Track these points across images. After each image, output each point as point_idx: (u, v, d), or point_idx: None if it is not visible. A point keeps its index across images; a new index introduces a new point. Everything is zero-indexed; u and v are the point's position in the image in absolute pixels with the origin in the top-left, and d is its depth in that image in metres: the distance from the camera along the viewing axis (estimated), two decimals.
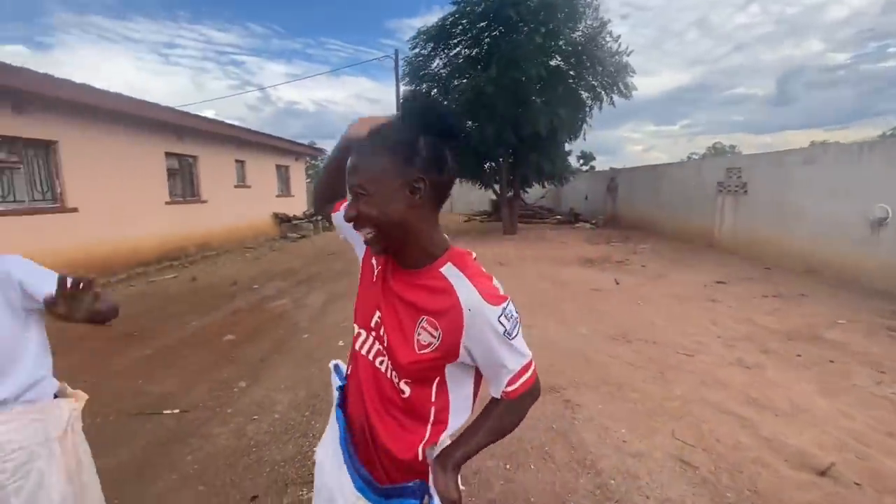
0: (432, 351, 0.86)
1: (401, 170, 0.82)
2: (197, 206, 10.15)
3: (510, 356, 0.87)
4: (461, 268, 0.87)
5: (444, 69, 12.12)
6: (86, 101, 6.69)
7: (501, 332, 0.84)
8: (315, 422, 2.91)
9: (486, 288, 0.85)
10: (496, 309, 0.83)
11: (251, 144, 12.43)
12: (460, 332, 0.84)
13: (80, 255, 6.82)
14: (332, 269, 8.41)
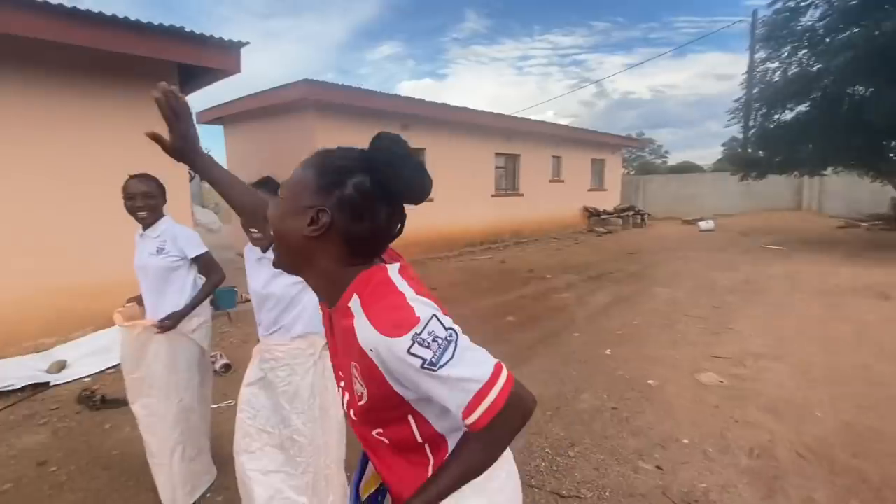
0: (366, 402, 0.75)
1: (312, 193, 0.73)
2: (515, 198, 11.56)
3: (445, 389, 0.68)
4: (361, 295, 0.72)
5: (820, 22, 8.89)
6: (443, 117, 8.73)
7: (419, 365, 0.66)
8: (552, 425, 2.83)
9: (385, 315, 0.68)
10: (401, 341, 0.66)
11: (569, 140, 13.00)
12: (379, 374, 0.70)
13: (433, 233, 9.05)
14: (625, 270, 7.86)
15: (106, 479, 2.37)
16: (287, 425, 1.63)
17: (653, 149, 37.52)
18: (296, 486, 1.63)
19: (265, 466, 1.66)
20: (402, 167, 0.73)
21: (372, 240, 0.75)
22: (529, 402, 0.74)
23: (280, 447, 1.65)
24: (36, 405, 3.22)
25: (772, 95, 9.71)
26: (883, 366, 3.59)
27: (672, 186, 18.45)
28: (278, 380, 1.63)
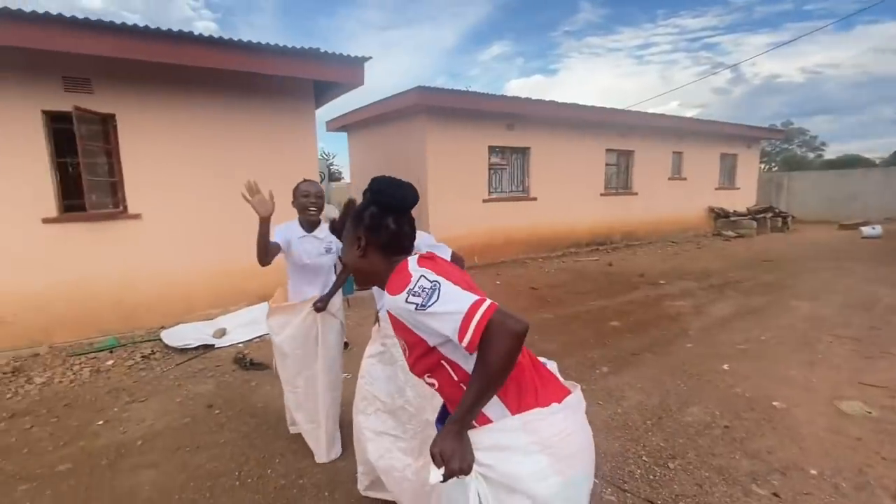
0: (409, 353, 1.10)
1: (352, 232, 1.16)
2: (627, 197, 10.87)
3: (439, 322, 0.92)
4: (390, 278, 1.05)
5: None
6: (549, 114, 8.60)
7: (414, 309, 0.94)
8: (652, 434, 2.71)
9: (394, 284, 1.00)
10: (401, 295, 0.96)
11: (692, 134, 11.81)
12: (405, 327, 1.02)
13: (534, 232, 9.00)
14: (757, 279, 6.94)
15: (253, 424, 2.91)
16: (401, 395, 1.87)
17: (804, 140, 31.98)
18: (403, 447, 1.86)
19: (377, 427, 1.92)
20: (389, 192, 1.11)
21: (395, 239, 1.11)
22: (514, 323, 0.89)
23: (391, 413, 1.89)
24: (205, 361, 4.03)
25: None
26: None
27: (826, 184, 15.59)
28: (399, 354, 1.87)
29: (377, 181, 1.12)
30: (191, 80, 4.71)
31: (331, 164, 22.50)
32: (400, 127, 8.22)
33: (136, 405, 3.23)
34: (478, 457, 0.96)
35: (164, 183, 4.75)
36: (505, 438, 0.96)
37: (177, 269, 4.88)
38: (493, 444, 0.96)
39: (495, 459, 0.95)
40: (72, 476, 2.42)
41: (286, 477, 2.37)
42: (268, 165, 5.05)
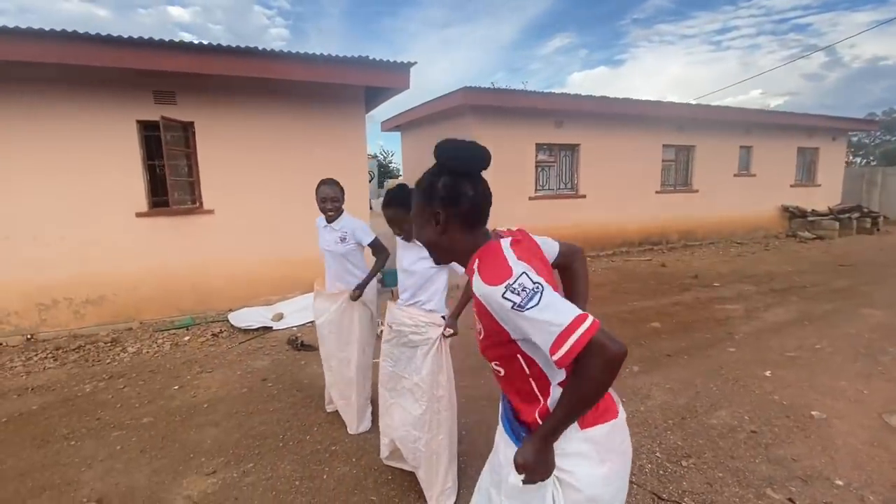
0: (484, 337, 1.03)
1: (425, 209, 1.06)
2: (686, 195, 10.33)
3: (532, 327, 0.88)
4: (479, 258, 0.99)
5: None
6: (599, 110, 8.41)
7: (510, 307, 0.88)
8: (671, 433, 2.73)
9: (489, 271, 0.93)
10: (498, 288, 0.90)
11: (764, 126, 10.94)
12: (490, 315, 0.95)
13: (582, 230, 8.86)
14: (826, 284, 6.40)
15: (300, 397, 3.29)
16: (418, 373, 2.09)
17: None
18: (414, 422, 2.09)
19: (399, 402, 2.17)
20: (459, 154, 1.03)
21: (475, 208, 1.04)
22: (614, 348, 0.84)
23: (409, 390, 2.12)
24: (263, 341, 4.52)
25: None
26: None
27: None
28: (419, 337, 2.08)
29: (443, 147, 1.03)
30: (257, 90, 5.24)
31: (390, 163, 23.27)
32: (448, 126, 8.45)
33: (205, 375, 3.73)
34: (557, 462, 0.99)
35: (233, 182, 5.34)
36: (576, 447, 0.99)
37: (243, 259, 5.46)
38: (575, 452, 0.99)
39: (573, 466, 0.99)
40: (153, 427, 2.91)
41: (321, 443, 2.69)
42: (322, 165, 5.46)
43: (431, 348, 2.05)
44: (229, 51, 4.67)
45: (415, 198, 1.10)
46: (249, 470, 2.44)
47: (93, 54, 4.20)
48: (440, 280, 2.16)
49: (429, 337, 2.06)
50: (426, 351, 2.06)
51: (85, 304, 4.88)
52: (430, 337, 2.07)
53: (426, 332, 2.07)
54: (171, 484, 2.35)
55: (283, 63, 4.91)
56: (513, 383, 1.05)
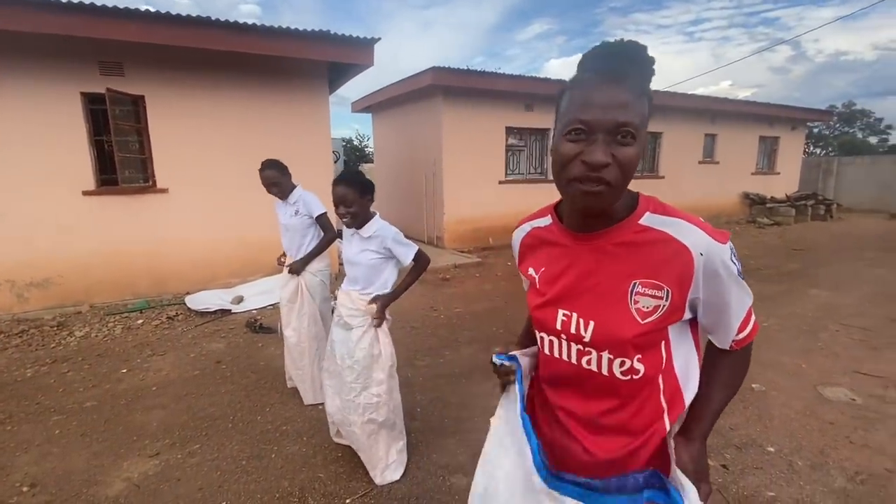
0: (660, 316, 0.75)
1: (649, 111, 0.74)
2: (653, 181, 10.55)
3: (742, 298, 0.78)
4: (666, 212, 0.77)
5: None
6: None
7: (735, 271, 0.75)
8: None
9: (708, 226, 0.75)
10: (727, 247, 0.74)
11: (728, 115, 11.23)
12: (689, 282, 0.74)
13: None
14: (779, 268, 6.68)
15: (254, 379, 3.22)
16: (351, 356, 2.06)
17: (867, 123, 29.49)
18: (347, 406, 2.07)
19: (333, 386, 2.15)
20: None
21: None
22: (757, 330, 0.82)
23: (339, 375, 2.09)
24: (221, 324, 4.41)
25: None
26: None
27: (881, 171, 14.41)
28: (355, 322, 2.05)
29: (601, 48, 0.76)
30: (213, 64, 5.00)
31: (365, 146, 22.87)
32: (418, 108, 8.32)
33: (156, 358, 3.62)
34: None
35: (189, 160, 5.12)
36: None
37: (201, 241, 5.28)
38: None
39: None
40: (95, 411, 2.80)
41: (272, 423, 2.65)
42: (284, 143, 5.32)
43: (367, 330, 2.03)
44: (179, 20, 4.43)
45: (641, 100, 0.72)
46: (195, 451, 2.39)
47: (29, 20, 3.91)
48: (388, 270, 2.08)
49: (365, 318, 2.04)
50: (361, 333, 2.04)
51: (29, 287, 4.63)
52: (367, 318, 2.05)
53: (362, 314, 2.04)
54: (110, 467, 2.27)
55: (238, 35, 4.69)
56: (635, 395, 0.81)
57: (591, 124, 0.69)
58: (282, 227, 2.86)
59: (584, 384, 0.84)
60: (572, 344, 0.83)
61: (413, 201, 8.84)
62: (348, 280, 2.14)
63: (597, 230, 0.79)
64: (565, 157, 0.72)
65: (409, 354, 3.54)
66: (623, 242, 0.77)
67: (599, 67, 0.73)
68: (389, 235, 2.01)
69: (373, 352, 2.03)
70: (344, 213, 1.98)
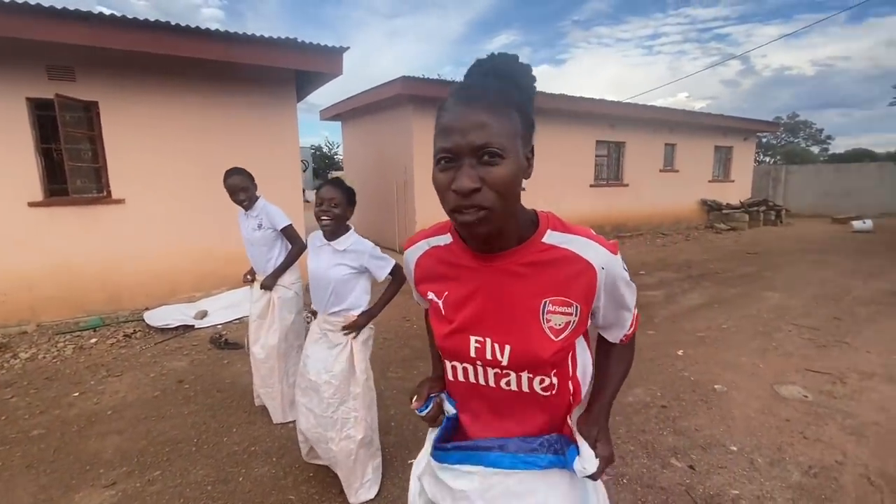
0: (571, 331, 0.78)
1: (525, 133, 0.72)
2: (618, 189, 10.92)
3: (632, 298, 0.86)
4: (566, 229, 0.79)
5: None
6: (539, 105, 8.61)
7: (627, 277, 0.82)
8: None
9: (602, 239, 0.80)
10: (619, 257, 0.80)
11: (686, 126, 11.78)
12: (593, 295, 0.78)
13: None
14: (736, 271, 7.02)
15: (218, 398, 3.09)
16: (328, 371, 2.01)
17: (809, 134, 31.60)
18: (324, 423, 2.01)
19: (307, 403, 2.08)
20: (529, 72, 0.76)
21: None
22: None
23: (315, 390, 2.03)
24: (183, 341, 4.21)
25: None
26: None
27: (823, 178, 15.49)
28: (335, 337, 2.01)
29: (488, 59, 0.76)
30: (173, 70, 4.83)
31: (335, 154, 22.53)
32: (388, 116, 8.30)
33: (112, 379, 3.41)
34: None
35: (147, 170, 4.90)
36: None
37: (161, 254, 5.05)
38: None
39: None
40: (43, 440, 2.61)
41: (240, 444, 2.54)
42: (251, 152, 5.18)
43: (347, 345, 2.00)
44: (136, 24, 4.25)
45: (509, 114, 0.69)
46: (156, 478, 2.26)
47: None
48: (360, 285, 2.02)
49: (347, 335, 2.01)
50: (340, 350, 2.01)
51: None
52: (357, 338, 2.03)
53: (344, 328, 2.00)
54: (60, 500, 2.11)
55: (200, 41, 4.55)
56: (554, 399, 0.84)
57: (454, 150, 0.67)
58: (245, 241, 2.77)
59: (504, 402, 0.85)
60: (489, 368, 0.82)
61: (384, 209, 8.78)
62: (315, 301, 2.06)
63: (501, 251, 0.78)
64: (439, 188, 0.70)
65: (382, 367, 3.49)
66: (530, 262, 0.77)
67: (458, 90, 0.72)
68: (367, 251, 1.97)
69: (351, 365, 1.99)
70: (327, 211, 1.89)
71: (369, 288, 2.09)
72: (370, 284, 2.09)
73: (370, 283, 2.09)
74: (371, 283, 2.10)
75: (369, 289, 2.09)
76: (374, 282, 2.09)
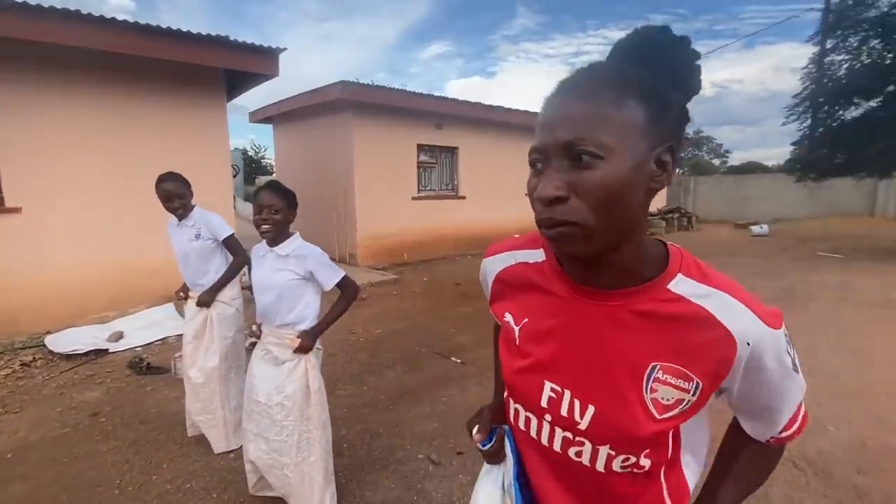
0: (682, 411, 0.59)
1: (654, 129, 0.54)
2: None
3: (793, 394, 0.62)
4: (705, 278, 0.59)
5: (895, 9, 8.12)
6: (478, 115, 8.84)
7: (790, 364, 0.59)
8: None
9: (758, 304, 0.58)
10: (781, 333, 0.58)
11: None
12: (726, 374, 0.57)
13: (464, 230, 9.21)
14: None
15: (143, 431, 2.76)
16: (280, 391, 1.86)
17: (711, 148, 35.42)
18: (278, 448, 1.86)
19: (255, 429, 1.92)
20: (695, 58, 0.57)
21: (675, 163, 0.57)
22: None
23: (266, 414, 1.88)
24: (96, 367, 3.73)
25: (836, 90, 8.98)
26: None
27: (726, 188, 17.41)
28: (284, 355, 1.86)
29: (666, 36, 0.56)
30: (80, 63, 4.30)
31: (262, 157, 21.41)
32: (326, 121, 8.05)
33: (9, 416, 2.93)
34: None
35: (49, 174, 4.31)
36: None
37: (66, 269, 4.45)
38: None
39: None
40: None
41: (172, 482, 2.28)
42: (174, 156, 4.74)
43: (299, 363, 1.86)
44: (32, 11, 3.74)
45: (621, 99, 0.53)
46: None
47: None
48: (308, 295, 1.89)
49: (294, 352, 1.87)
50: (292, 367, 1.87)
51: None
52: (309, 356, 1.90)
53: (291, 347, 1.86)
54: None
55: (114, 32, 4.10)
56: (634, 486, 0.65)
57: (541, 149, 0.55)
58: (179, 253, 2.50)
59: (566, 476, 0.67)
60: (558, 429, 0.65)
61: (322, 217, 8.47)
62: (260, 313, 1.91)
63: (608, 287, 0.61)
64: (529, 195, 0.57)
65: (330, 384, 3.28)
66: (645, 312, 0.59)
67: (566, 77, 0.58)
68: (312, 255, 1.85)
69: (304, 385, 1.86)
70: (267, 219, 1.76)
71: (318, 300, 1.96)
72: (319, 297, 1.96)
73: (319, 296, 1.96)
74: (321, 297, 1.98)
75: (318, 301, 1.96)
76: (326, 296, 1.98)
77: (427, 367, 3.71)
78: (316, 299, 1.93)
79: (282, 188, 1.84)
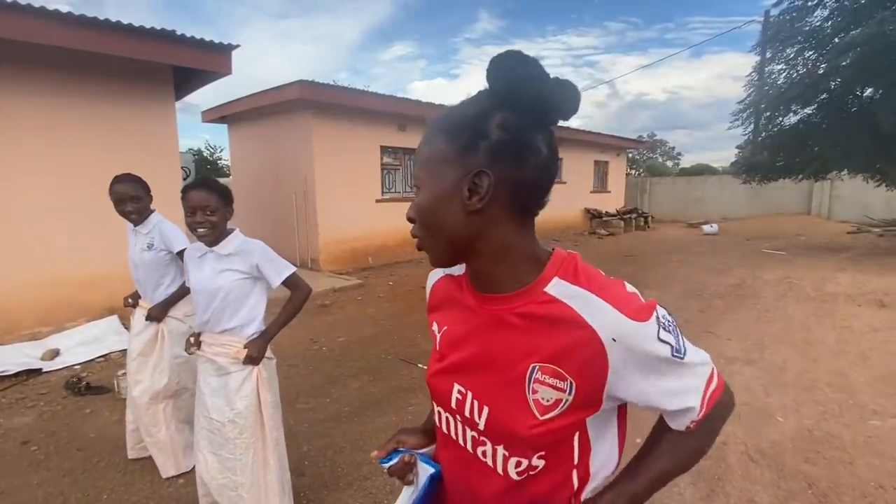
0: (563, 411, 0.60)
1: (457, 158, 0.59)
2: None
3: (690, 379, 0.62)
4: (577, 279, 0.61)
5: (827, 21, 8.76)
6: None
7: (668, 354, 0.58)
8: None
9: (625, 300, 0.59)
10: (649, 324, 0.57)
11: (570, 142, 12.98)
12: (602, 375, 0.58)
13: None
14: (617, 272, 7.86)
15: (80, 459, 2.52)
16: (232, 408, 1.73)
17: (664, 151, 37.15)
18: (232, 467, 1.73)
19: (207, 447, 1.78)
20: (541, 79, 0.59)
21: (545, 182, 0.62)
22: (731, 398, 0.70)
23: (218, 431, 1.74)
24: (27, 389, 3.40)
25: (776, 98, 9.59)
26: (859, 373, 3.59)
27: (678, 189, 18.26)
28: (232, 367, 1.73)
29: (503, 62, 0.59)
30: (8, 58, 3.92)
31: (218, 159, 20.53)
32: (284, 121, 7.78)
33: None
34: None
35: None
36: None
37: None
38: None
39: None
40: None
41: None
42: (118, 158, 4.41)
43: (249, 375, 1.74)
44: None
45: (427, 145, 0.64)
46: None
47: None
48: (254, 295, 1.76)
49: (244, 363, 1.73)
50: (241, 380, 1.73)
51: None
52: (259, 366, 1.76)
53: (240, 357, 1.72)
54: None
55: (50, 25, 3.76)
56: (539, 488, 0.66)
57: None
58: (130, 262, 2.31)
59: (479, 475, 0.70)
60: (467, 428, 0.69)
61: (281, 221, 8.17)
62: (202, 321, 1.76)
63: (498, 292, 0.65)
64: None
65: (290, 397, 3.17)
66: (524, 314, 0.62)
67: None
68: (256, 250, 1.72)
69: (256, 401, 1.73)
70: (203, 221, 1.62)
71: (265, 302, 1.82)
72: (265, 299, 1.83)
73: (266, 295, 1.83)
74: (268, 298, 1.85)
75: (265, 303, 1.82)
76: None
77: (393, 374, 3.62)
78: (262, 300, 1.80)
79: (214, 184, 1.69)
